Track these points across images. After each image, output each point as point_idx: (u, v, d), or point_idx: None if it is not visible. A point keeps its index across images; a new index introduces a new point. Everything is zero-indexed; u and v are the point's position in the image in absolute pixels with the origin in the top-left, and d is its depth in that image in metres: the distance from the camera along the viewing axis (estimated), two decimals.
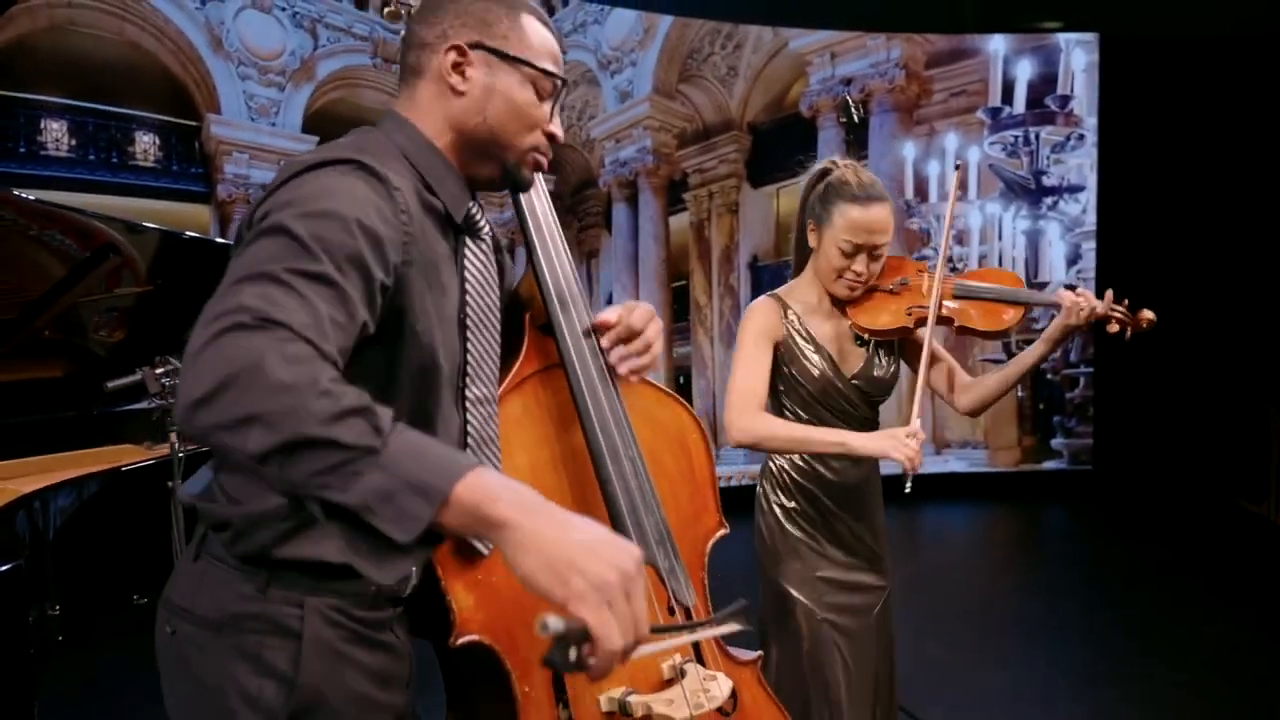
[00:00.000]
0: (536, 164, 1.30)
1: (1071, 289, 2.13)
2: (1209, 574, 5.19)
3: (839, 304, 2.16)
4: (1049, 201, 7.11)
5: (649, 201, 6.78)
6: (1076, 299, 2.03)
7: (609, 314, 1.44)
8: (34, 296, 2.88)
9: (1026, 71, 7.01)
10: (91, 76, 4.87)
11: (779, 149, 6.92)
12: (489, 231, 1.33)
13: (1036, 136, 7.05)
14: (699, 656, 1.52)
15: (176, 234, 3.42)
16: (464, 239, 1.29)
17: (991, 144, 7.07)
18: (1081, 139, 7.06)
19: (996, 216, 7.10)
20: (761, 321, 2.13)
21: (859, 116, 6.88)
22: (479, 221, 1.30)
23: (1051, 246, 7.14)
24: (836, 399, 2.15)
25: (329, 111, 5.67)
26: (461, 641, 1.30)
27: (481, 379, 1.31)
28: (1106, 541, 6.09)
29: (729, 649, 1.63)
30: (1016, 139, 7.07)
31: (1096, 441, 7.29)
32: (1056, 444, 7.35)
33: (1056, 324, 2.04)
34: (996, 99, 7.03)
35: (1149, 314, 2.04)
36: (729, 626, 1.27)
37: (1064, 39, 7.03)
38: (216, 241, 4.51)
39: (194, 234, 3.89)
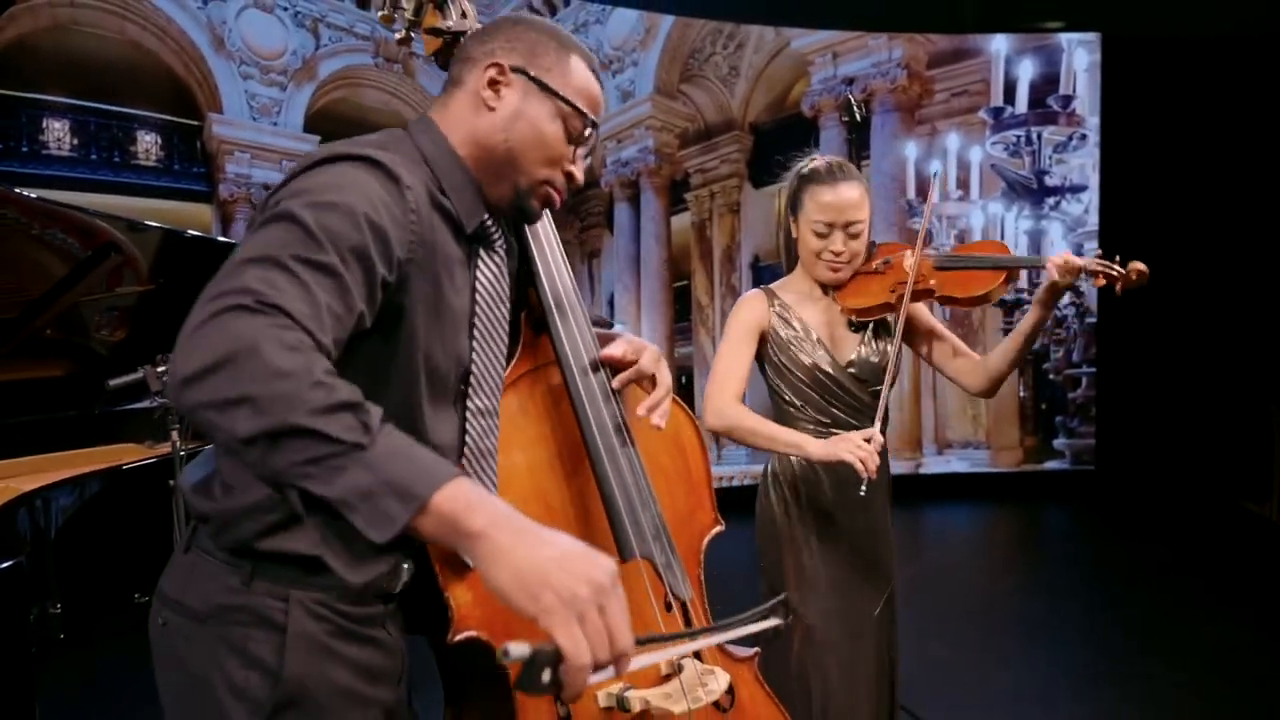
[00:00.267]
0: (546, 198, 1.31)
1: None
2: (1210, 574, 5.18)
3: (829, 292, 2.20)
4: (1051, 201, 7.11)
5: (651, 201, 6.78)
6: (1056, 258, 2.02)
7: (615, 349, 1.46)
8: (36, 295, 2.89)
9: (1028, 71, 7.01)
10: (93, 76, 4.88)
11: (781, 149, 6.82)
12: (504, 245, 1.34)
13: (1038, 136, 7.05)
14: (696, 651, 1.52)
15: (178, 233, 3.42)
16: (478, 248, 1.30)
17: (993, 144, 7.07)
18: (1083, 139, 7.06)
19: (999, 216, 7.10)
20: (747, 314, 2.18)
21: (861, 116, 6.88)
22: (494, 234, 1.31)
23: (1054, 246, 7.12)
24: (832, 386, 2.16)
25: (331, 111, 5.68)
26: (459, 638, 1.30)
27: (485, 390, 1.31)
28: (1108, 542, 6.09)
29: (726, 646, 1.63)
30: (1018, 139, 7.07)
31: (1099, 442, 7.28)
32: (1059, 444, 7.35)
33: (1044, 285, 2.05)
34: (998, 99, 7.03)
35: (1139, 265, 2.01)
36: (732, 633, 1.28)
37: (1066, 39, 7.02)
38: (218, 240, 4.51)
39: (196, 233, 3.89)
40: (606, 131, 6.62)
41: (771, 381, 2.22)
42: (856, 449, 1.94)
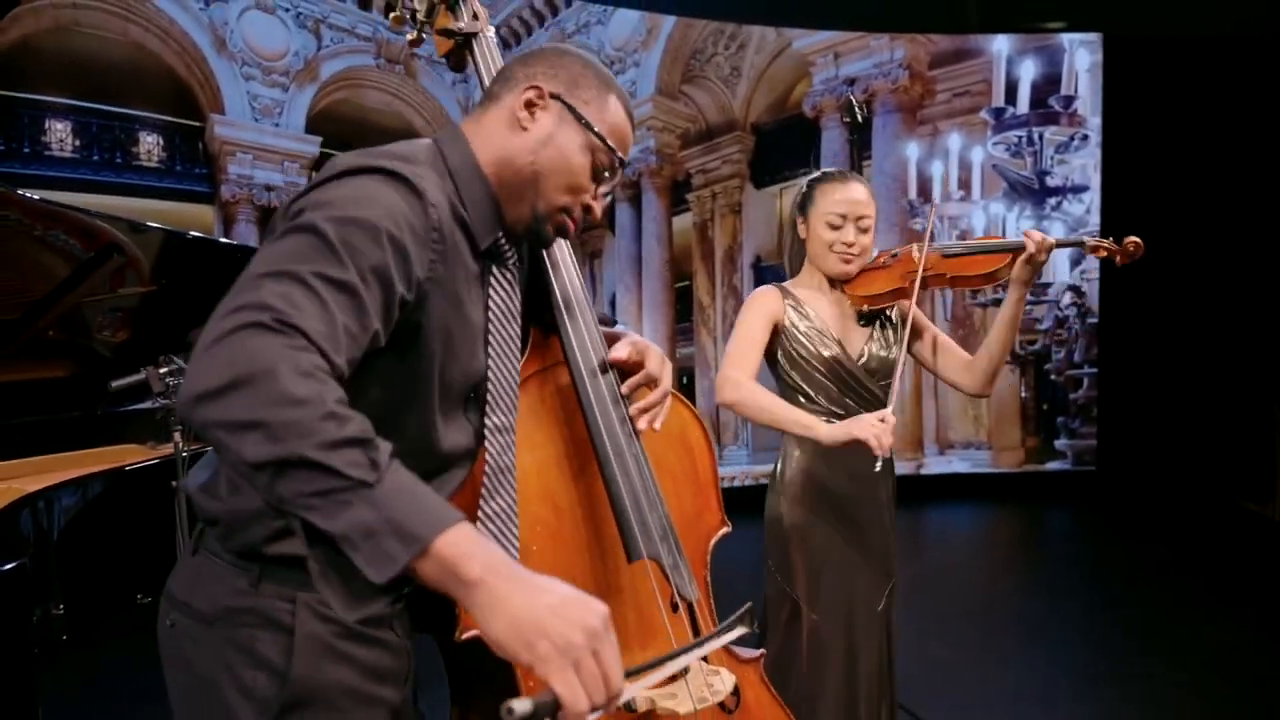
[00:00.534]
0: (562, 225, 1.32)
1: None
2: (1211, 575, 5.18)
3: (836, 287, 2.26)
4: (1053, 202, 7.10)
5: (652, 202, 6.79)
6: (1034, 234, 2.12)
7: (620, 352, 1.46)
8: (38, 296, 2.89)
9: (1030, 72, 7.01)
10: (96, 77, 4.88)
11: (782, 149, 6.94)
12: (516, 263, 1.34)
13: (1040, 137, 7.05)
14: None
15: (180, 234, 3.42)
16: (491, 265, 1.30)
17: (995, 144, 7.07)
18: (1085, 139, 7.05)
19: (1000, 217, 7.09)
20: (763, 304, 2.21)
21: (862, 117, 6.88)
22: (507, 251, 1.31)
23: None
24: (848, 379, 2.20)
25: (332, 112, 5.67)
26: (466, 636, 1.30)
27: (502, 407, 1.32)
28: (1109, 542, 6.09)
29: (731, 646, 1.63)
30: (1020, 139, 7.07)
31: (1100, 442, 7.28)
32: (1060, 445, 7.35)
33: (1020, 261, 2.10)
34: (1000, 99, 7.03)
35: (1134, 238, 2.12)
36: (708, 647, 1.30)
37: (1067, 39, 7.03)
38: (220, 241, 4.52)
39: (198, 234, 3.89)
40: None
41: (784, 374, 2.25)
42: (870, 426, 1.96)
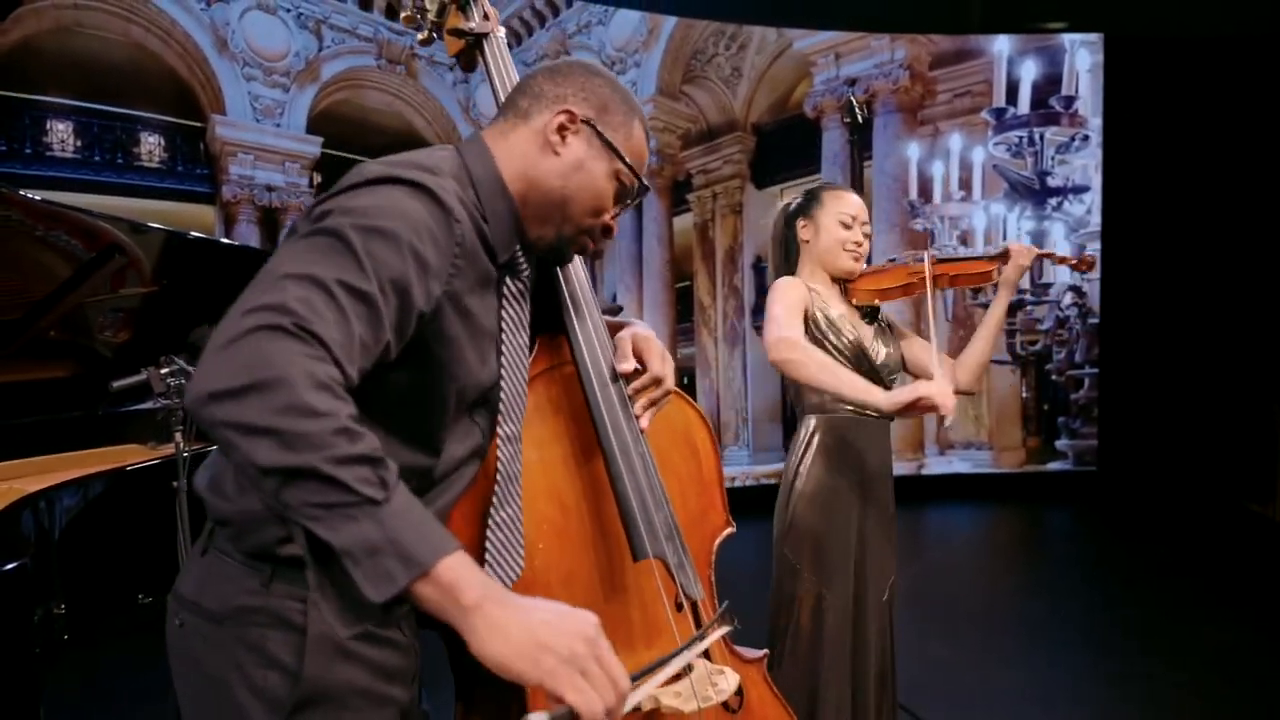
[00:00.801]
0: (583, 246, 1.35)
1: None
2: (1212, 575, 5.18)
3: (839, 285, 2.34)
4: (1053, 202, 7.10)
5: (653, 202, 6.79)
6: (1018, 245, 2.36)
7: (626, 363, 1.48)
8: (39, 297, 2.89)
9: (1031, 72, 7.01)
10: (97, 78, 4.88)
11: (783, 150, 6.94)
12: (528, 275, 1.35)
13: (1041, 137, 7.05)
14: (705, 651, 1.52)
15: (181, 234, 3.42)
16: (504, 276, 1.30)
17: (996, 145, 7.07)
18: (1086, 140, 7.06)
19: (1001, 217, 7.09)
20: (794, 289, 2.25)
21: (863, 117, 6.88)
22: (522, 264, 1.32)
23: (1056, 247, 7.10)
24: (866, 369, 2.25)
25: (334, 113, 5.67)
26: None
27: (513, 417, 1.32)
28: (1110, 542, 6.09)
29: (735, 646, 1.64)
30: (1021, 140, 7.07)
31: (1101, 443, 7.29)
32: (1061, 445, 7.35)
33: (1009, 268, 2.33)
34: (1001, 100, 7.03)
35: (1089, 256, 2.25)
36: (707, 641, 1.30)
37: (1068, 39, 7.03)
38: (221, 242, 4.52)
39: (199, 234, 3.89)
40: None
41: None
42: (933, 385, 1.95)
